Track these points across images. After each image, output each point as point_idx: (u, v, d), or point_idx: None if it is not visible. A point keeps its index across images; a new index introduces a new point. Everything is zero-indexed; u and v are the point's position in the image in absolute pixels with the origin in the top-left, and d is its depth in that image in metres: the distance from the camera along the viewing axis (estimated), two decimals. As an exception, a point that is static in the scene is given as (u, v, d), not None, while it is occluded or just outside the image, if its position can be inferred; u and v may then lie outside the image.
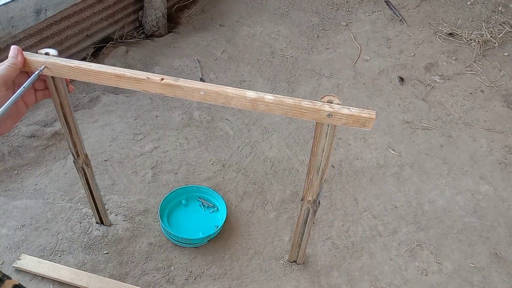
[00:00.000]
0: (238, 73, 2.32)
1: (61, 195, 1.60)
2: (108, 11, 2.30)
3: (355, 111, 0.91)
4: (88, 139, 1.82)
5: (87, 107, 2.02)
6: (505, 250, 1.54)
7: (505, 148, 1.94)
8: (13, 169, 1.69)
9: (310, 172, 1.10)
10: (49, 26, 1.99)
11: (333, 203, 1.68)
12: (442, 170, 1.83)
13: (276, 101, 0.93)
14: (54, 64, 0.96)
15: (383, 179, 1.78)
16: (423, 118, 2.08)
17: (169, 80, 0.94)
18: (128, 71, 0.96)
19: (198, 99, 0.95)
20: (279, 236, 1.55)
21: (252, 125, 2.00)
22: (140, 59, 2.34)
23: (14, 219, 1.50)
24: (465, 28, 2.63)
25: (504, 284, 1.44)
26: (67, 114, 1.13)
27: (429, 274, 1.46)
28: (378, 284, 1.43)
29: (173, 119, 1.96)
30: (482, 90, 2.26)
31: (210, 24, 2.67)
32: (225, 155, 1.83)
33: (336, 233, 1.57)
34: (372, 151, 1.90)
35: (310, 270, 1.45)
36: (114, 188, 1.64)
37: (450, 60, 2.44)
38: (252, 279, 1.42)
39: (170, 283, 1.38)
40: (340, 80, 2.31)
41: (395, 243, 1.55)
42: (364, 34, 2.64)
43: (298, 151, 1.89)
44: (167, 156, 1.79)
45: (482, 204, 1.70)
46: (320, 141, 1.01)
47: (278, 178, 1.75)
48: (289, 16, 2.76)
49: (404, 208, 1.67)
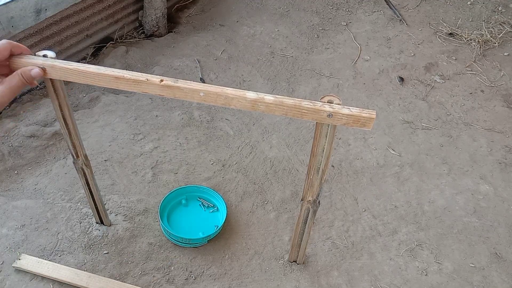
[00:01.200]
0: (238, 73, 2.32)
1: (61, 195, 1.60)
2: (108, 11, 2.30)
3: (355, 111, 0.91)
4: (88, 139, 1.82)
5: (87, 107, 2.02)
6: (505, 250, 1.54)
7: (505, 148, 1.94)
8: (13, 169, 1.69)
9: (310, 172, 1.10)
10: (49, 26, 1.99)
11: (333, 203, 1.68)
12: (442, 170, 1.83)
13: (276, 101, 0.93)
14: (52, 67, 0.96)
15: (383, 179, 1.78)
16: (423, 118, 2.08)
17: (169, 82, 0.94)
18: (127, 72, 0.96)
19: (198, 100, 0.95)
20: (279, 236, 1.55)
21: (252, 125, 2.00)
22: (140, 59, 2.34)
23: (14, 219, 1.50)
24: (465, 28, 2.63)
25: (504, 284, 1.44)
26: (66, 115, 1.13)
27: (429, 274, 1.46)
28: (378, 284, 1.43)
29: (173, 119, 1.96)
30: (482, 90, 2.25)
31: (210, 24, 2.67)
32: (225, 155, 1.83)
33: (336, 233, 1.58)
34: (372, 151, 1.90)
35: (310, 270, 1.45)
36: (114, 188, 1.64)
37: (450, 60, 2.43)
38: (252, 279, 1.42)
39: (170, 283, 1.38)
40: (340, 80, 2.31)
41: (395, 243, 1.55)
42: (364, 34, 2.64)
43: (298, 151, 1.89)
44: (167, 156, 1.79)
45: (482, 204, 1.70)
46: (320, 141, 1.01)
47: (278, 178, 1.75)
48: (289, 16, 2.76)
49: (404, 208, 1.67)
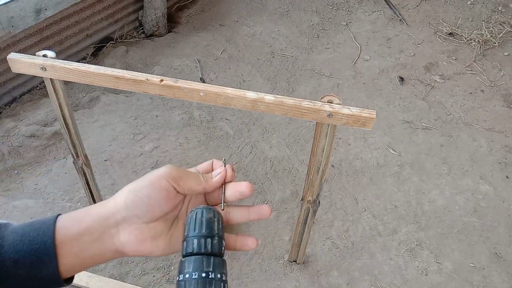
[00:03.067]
0: (238, 72, 2.32)
1: (61, 195, 1.60)
2: (108, 10, 2.30)
3: (356, 111, 0.91)
4: (88, 139, 1.82)
5: (87, 107, 2.02)
6: (505, 250, 1.54)
7: (505, 148, 1.94)
8: (13, 169, 1.69)
9: (310, 172, 1.10)
10: (49, 26, 1.99)
11: (333, 203, 1.68)
12: (442, 170, 1.83)
13: (276, 101, 0.93)
14: (52, 66, 0.96)
15: (383, 179, 1.78)
16: (423, 118, 2.08)
17: (169, 82, 0.94)
18: (127, 72, 0.96)
19: (198, 100, 0.95)
20: (279, 236, 1.55)
21: (252, 124, 2.00)
22: (140, 59, 2.34)
23: (14, 219, 1.50)
24: (465, 28, 2.63)
25: (504, 283, 1.44)
26: (66, 115, 1.13)
27: (429, 273, 1.46)
28: (378, 284, 1.43)
29: (173, 119, 1.96)
30: (482, 90, 2.25)
31: (210, 24, 2.67)
32: (225, 154, 1.83)
33: (336, 233, 1.57)
34: (372, 151, 1.90)
35: (310, 270, 1.45)
36: (114, 188, 1.64)
37: (450, 60, 2.43)
38: (252, 279, 1.42)
39: (170, 283, 1.38)
40: (340, 80, 2.31)
41: (395, 242, 1.55)
42: (364, 33, 2.64)
43: (298, 151, 1.88)
44: (167, 156, 1.79)
45: (482, 204, 1.70)
46: (320, 141, 1.01)
47: (278, 178, 1.75)
48: (289, 15, 2.76)
49: (404, 208, 1.67)
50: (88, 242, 0.45)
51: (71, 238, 0.44)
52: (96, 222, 0.45)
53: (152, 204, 0.47)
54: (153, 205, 0.47)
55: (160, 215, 0.48)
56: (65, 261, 0.44)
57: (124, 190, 0.47)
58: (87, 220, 0.45)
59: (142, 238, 0.47)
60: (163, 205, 0.47)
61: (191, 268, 0.44)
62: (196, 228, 0.46)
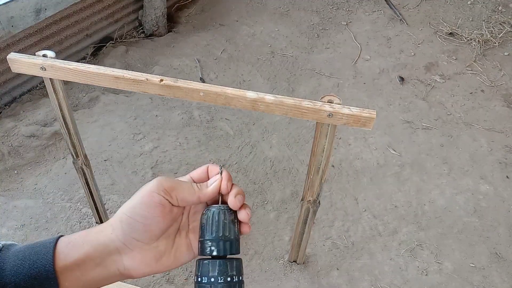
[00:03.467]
0: (238, 72, 2.32)
1: (61, 195, 1.60)
2: (108, 10, 2.30)
3: (356, 111, 0.91)
4: (87, 139, 1.82)
5: (87, 106, 2.02)
6: (505, 250, 1.54)
7: (505, 148, 1.93)
8: (13, 169, 1.69)
9: (310, 172, 1.10)
10: (49, 26, 1.99)
11: (333, 203, 1.67)
12: (442, 170, 1.82)
13: (276, 101, 0.92)
14: (52, 66, 0.96)
15: (383, 179, 1.78)
16: (423, 117, 2.08)
17: (168, 81, 0.94)
18: (127, 72, 0.96)
19: (198, 100, 0.95)
20: (279, 236, 1.55)
21: (252, 124, 2.00)
22: (140, 59, 2.33)
23: (14, 219, 1.50)
24: (465, 28, 2.63)
25: (504, 284, 1.44)
26: (66, 115, 1.13)
27: (429, 274, 1.46)
28: (378, 284, 1.42)
29: (173, 119, 1.96)
30: (482, 90, 2.25)
31: (210, 24, 2.67)
32: (225, 154, 1.83)
33: (336, 233, 1.57)
34: (372, 151, 1.90)
35: (310, 270, 1.45)
36: (114, 188, 1.64)
37: (450, 59, 2.43)
38: (252, 279, 1.42)
39: (170, 283, 1.38)
40: (340, 80, 2.30)
41: (395, 243, 1.55)
42: (364, 33, 2.63)
43: (298, 151, 1.88)
44: (167, 156, 1.78)
45: (482, 204, 1.69)
46: (320, 141, 1.01)
47: (278, 178, 1.75)
48: (289, 15, 2.76)
49: (404, 208, 1.67)
50: (90, 267, 0.44)
51: (72, 263, 0.43)
52: (95, 249, 0.44)
53: (149, 223, 0.45)
54: (150, 225, 0.45)
55: (159, 233, 0.46)
56: (67, 284, 0.43)
57: (119, 213, 0.46)
58: (86, 247, 0.44)
59: (146, 261, 0.46)
60: (160, 223, 0.45)
61: (216, 272, 0.44)
62: (215, 230, 0.45)
